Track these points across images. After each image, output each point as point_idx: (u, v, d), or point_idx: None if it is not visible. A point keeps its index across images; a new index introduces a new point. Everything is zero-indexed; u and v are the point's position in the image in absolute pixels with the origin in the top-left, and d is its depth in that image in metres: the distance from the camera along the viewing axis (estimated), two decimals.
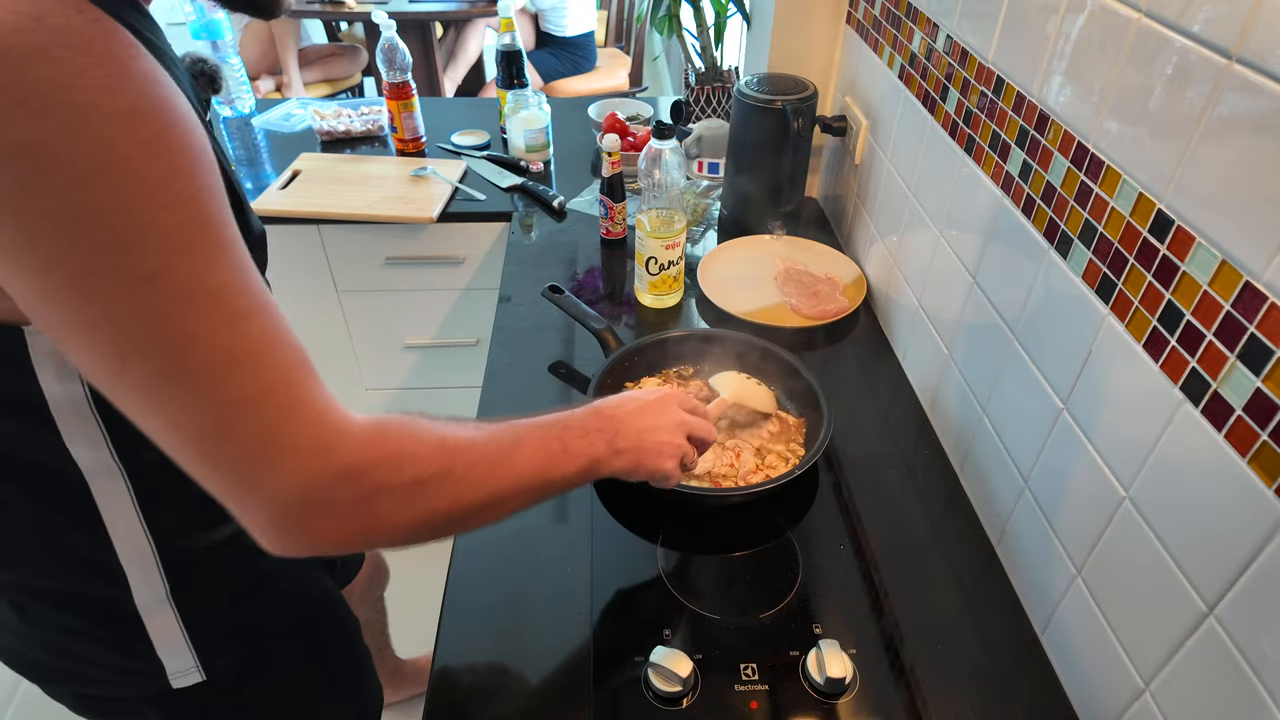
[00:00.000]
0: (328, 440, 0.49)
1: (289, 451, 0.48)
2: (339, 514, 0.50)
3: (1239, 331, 0.55)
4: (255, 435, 0.47)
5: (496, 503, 0.60)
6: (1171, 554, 0.62)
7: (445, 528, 0.58)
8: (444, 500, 0.56)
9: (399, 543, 0.56)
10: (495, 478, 0.60)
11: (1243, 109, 0.53)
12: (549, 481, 0.65)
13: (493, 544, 0.89)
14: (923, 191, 1.07)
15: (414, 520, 0.54)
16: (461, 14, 3.07)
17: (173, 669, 0.72)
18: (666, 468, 0.75)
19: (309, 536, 0.50)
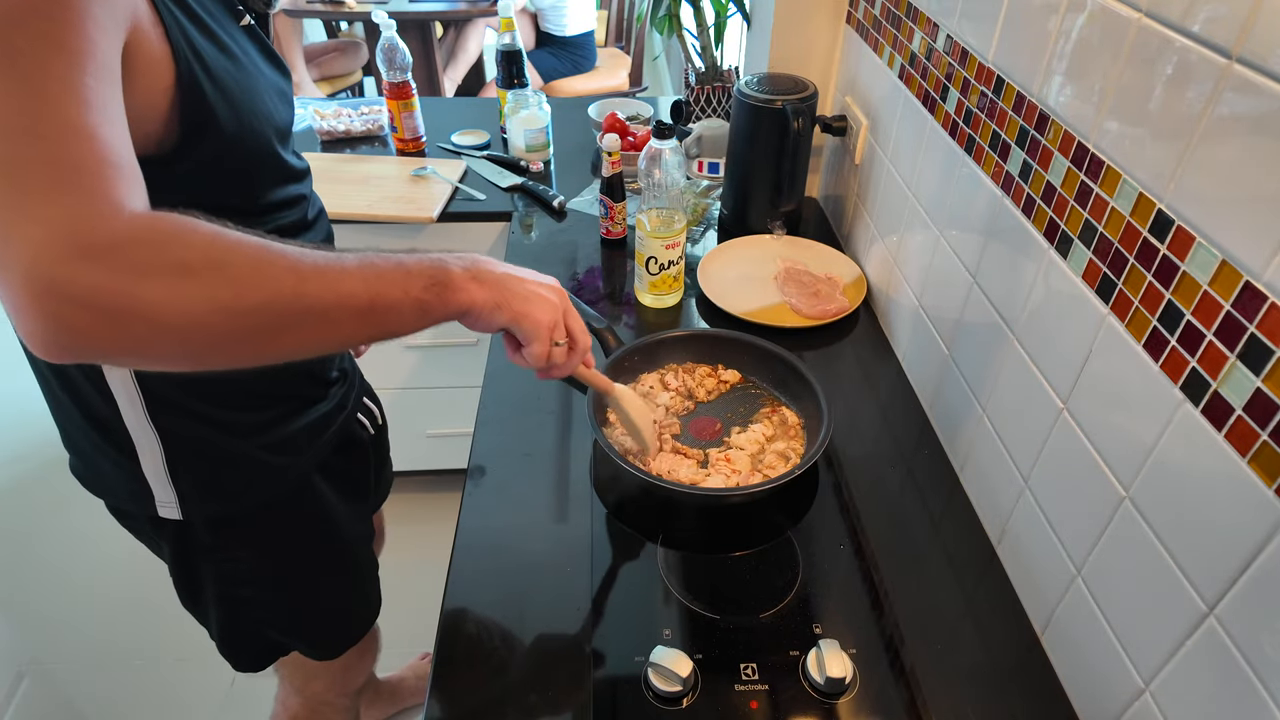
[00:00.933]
0: (87, 216, 0.47)
1: (37, 219, 0.45)
2: (91, 296, 0.46)
3: (1239, 331, 0.55)
4: (13, 198, 0.46)
5: (302, 315, 0.53)
6: (1171, 554, 0.62)
7: (235, 338, 0.52)
8: (221, 293, 0.49)
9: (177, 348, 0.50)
10: (294, 282, 0.53)
11: (1243, 109, 0.53)
12: (379, 300, 0.57)
13: (493, 544, 0.89)
14: (923, 191, 1.07)
15: (183, 315, 0.48)
16: (461, 14, 3.07)
17: (159, 497, 0.81)
18: (538, 317, 0.68)
19: (61, 325, 0.46)
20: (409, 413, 1.84)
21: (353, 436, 1.01)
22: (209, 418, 0.79)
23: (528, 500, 0.94)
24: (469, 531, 0.90)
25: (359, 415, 1.03)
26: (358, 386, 1.01)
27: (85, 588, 1.87)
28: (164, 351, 0.50)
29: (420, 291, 0.60)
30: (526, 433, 1.03)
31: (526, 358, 0.71)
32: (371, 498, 1.13)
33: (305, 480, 0.91)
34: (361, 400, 1.03)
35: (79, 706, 1.67)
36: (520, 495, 0.95)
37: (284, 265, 0.53)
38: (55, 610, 1.83)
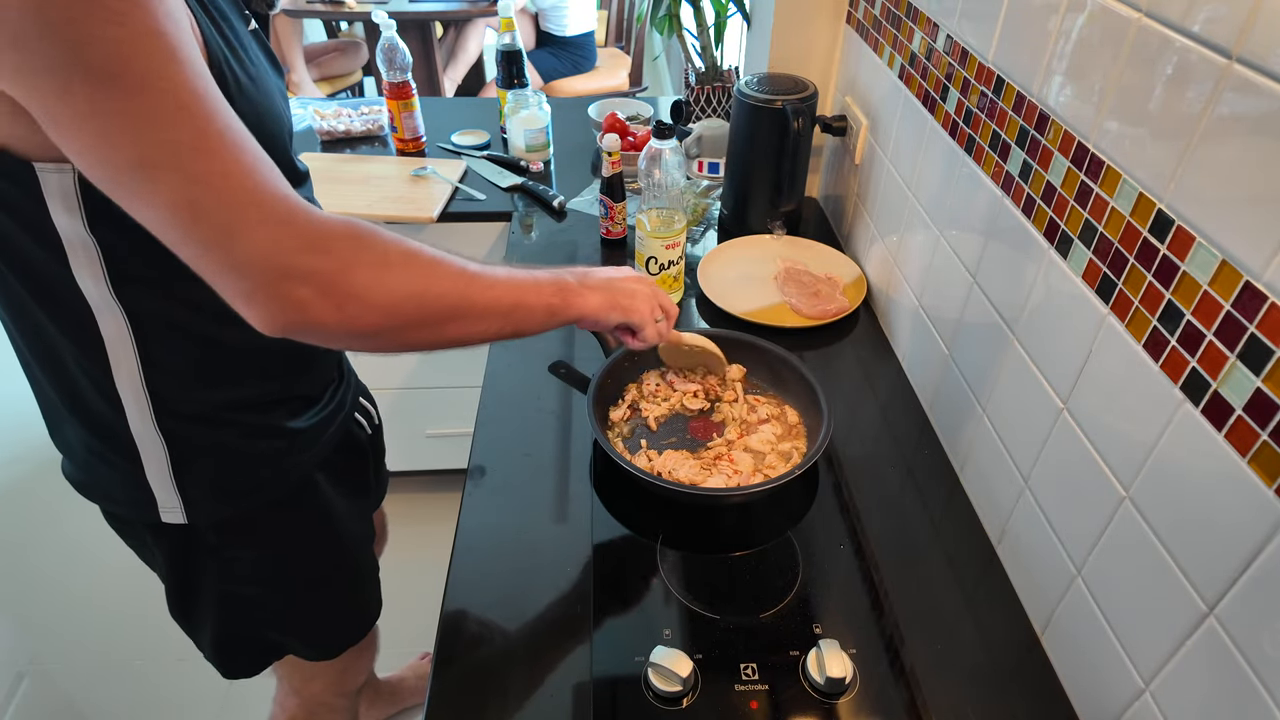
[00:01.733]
0: (297, 214, 0.55)
1: (258, 222, 0.53)
2: (315, 282, 0.55)
3: (1239, 331, 0.55)
4: (225, 208, 0.52)
5: (468, 308, 0.65)
6: (1171, 554, 0.62)
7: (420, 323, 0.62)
8: (415, 284, 0.61)
9: (379, 326, 0.59)
10: (464, 280, 0.65)
11: (1243, 109, 0.53)
12: (521, 303, 0.69)
13: (493, 544, 0.89)
14: (923, 191, 1.07)
15: (388, 299, 0.59)
16: (461, 14, 3.07)
17: (162, 502, 0.81)
18: (641, 308, 0.82)
19: (289, 304, 0.55)
20: (409, 413, 1.84)
21: (352, 436, 1.01)
22: (216, 420, 0.79)
23: (528, 500, 0.94)
24: (469, 531, 0.90)
25: (356, 415, 1.03)
26: (354, 386, 1.02)
27: (85, 588, 1.87)
28: (364, 328, 0.59)
29: (550, 297, 0.73)
30: (526, 433, 1.03)
31: (641, 339, 0.86)
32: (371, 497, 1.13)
33: (308, 479, 0.91)
34: (358, 400, 1.04)
35: (79, 707, 1.67)
36: (520, 495, 0.95)
37: (455, 266, 0.65)
38: (55, 611, 1.83)
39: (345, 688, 1.17)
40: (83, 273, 0.66)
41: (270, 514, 0.88)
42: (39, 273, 0.66)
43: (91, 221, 0.63)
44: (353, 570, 1.04)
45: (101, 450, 0.79)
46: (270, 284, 0.54)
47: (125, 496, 0.81)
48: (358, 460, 1.04)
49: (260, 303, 0.54)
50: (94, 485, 0.83)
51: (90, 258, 0.65)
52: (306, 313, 0.55)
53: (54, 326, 0.70)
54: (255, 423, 0.82)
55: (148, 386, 0.74)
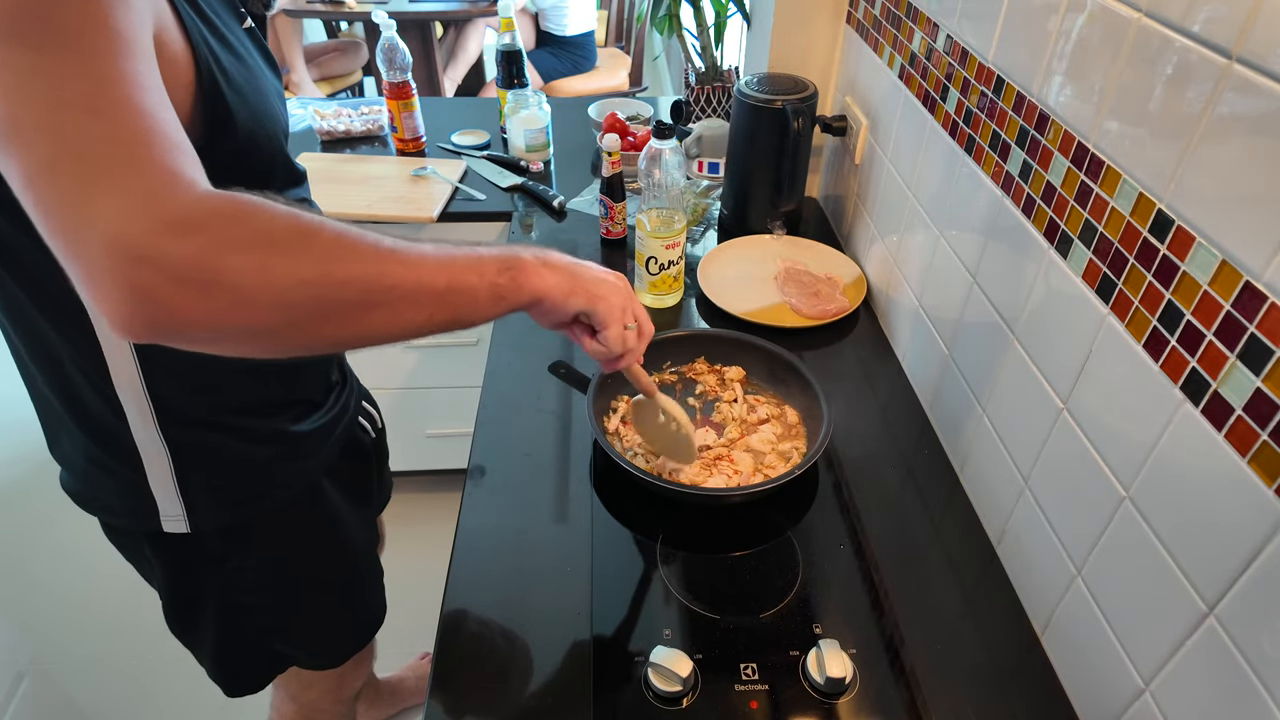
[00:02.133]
0: (163, 188, 0.46)
1: (117, 190, 0.45)
2: (169, 267, 0.45)
3: (1239, 331, 0.55)
4: (84, 171, 0.45)
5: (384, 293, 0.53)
6: (1171, 554, 0.62)
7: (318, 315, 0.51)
8: (306, 268, 0.49)
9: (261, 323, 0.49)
10: (377, 260, 0.52)
11: (1243, 109, 0.53)
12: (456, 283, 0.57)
13: (493, 544, 0.89)
14: (923, 191, 1.07)
15: (270, 288, 0.48)
16: (461, 14, 3.07)
17: (165, 511, 0.78)
18: (611, 300, 0.69)
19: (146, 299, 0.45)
20: (409, 413, 1.84)
21: (356, 440, 1.01)
22: (220, 425, 0.78)
23: (528, 500, 0.94)
24: (469, 531, 0.90)
25: (360, 419, 1.03)
26: (357, 390, 1.01)
27: (85, 588, 1.87)
28: (247, 325, 0.49)
29: (495, 275, 0.60)
30: (526, 433, 1.03)
31: (603, 343, 0.72)
32: (374, 502, 1.13)
33: (314, 485, 0.90)
34: (361, 404, 1.03)
35: (79, 706, 1.67)
36: (520, 495, 0.95)
37: (367, 244, 0.53)
38: (55, 610, 1.83)
39: (343, 694, 1.16)
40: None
41: (276, 520, 0.87)
42: (39, 275, 0.65)
43: None
44: (358, 576, 1.03)
45: (102, 458, 0.77)
46: (115, 267, 0.44)
47: (125, 506, 0.80)
48: (362, 465, 1.04)
49: (105, 290, 0.45)
50: (93, 496, 0.81)
51: None
52: (161, 306, 0.45)
53: (54, 330, 0.69)
54: (258, 427, 0.81)
55: (148, 390, 0.73)
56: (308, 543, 0.92)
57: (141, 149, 0.46)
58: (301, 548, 0.92)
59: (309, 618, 0.98)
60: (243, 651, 0.97)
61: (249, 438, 0.81)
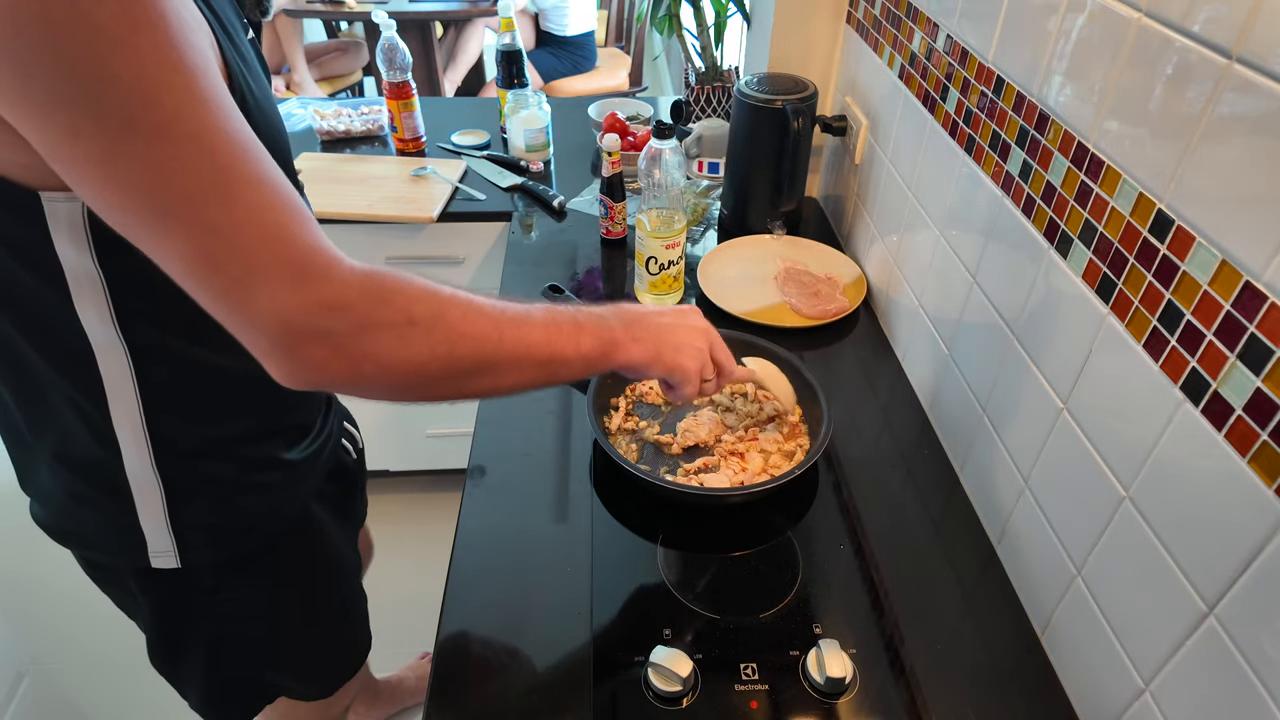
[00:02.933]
0: (315, 270, 0.52)
1: (274, 279, 0.50)
2: (331, 343, 0.53)
3: (1239, 331, 0.55)
4: (242, 262, 0.49)
5: (498, 363, 0.61)
6: (1171, 554, 0.62)
7: (443, 379, 0.59)
8: (438, 344, 0.57)
9: (397, 385, 0.57)
10: (495, 334, 0.60)
11: (1243, 109, 0.53)
12: (559, 356, 0.65)
13: (493, 544, 0.89)
14: (923, 191, 1.07)
15: (408, 361, 0.56)
16: (461, 14, 3.07)
17: (153, 547, 0.77)
18: (687, 365, 0.75)
19: (305, 364, 0.53)
20: (409, 413, 1.84)
21: (341, 462, 0.99)
22: (215, 455, 0.76)
23: (528, 500, 0.94)
24: (469, 531, 0.90)
25: (343, 440, 1.01)
26: (338, 411, 0.99)
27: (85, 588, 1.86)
28: (385, 386, 0.57)
29: (589, 349, 0.67)
30: (526, 433, 1.03)
31: (673, 399, 0.81)
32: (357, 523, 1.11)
33: (305, 510, 0.88)
34: (343, 425, 1.02)
35: (79, 706, 1.67)
36: (520, 495, 0.95)
37: (488, 318, 0.60)
38: (56, 610, 1.83)
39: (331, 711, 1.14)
40: (86, 308, 0.63)
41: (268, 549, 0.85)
42: (33, 309, 0.63)
43: (101, 255, 0.61)
44: (347, 599, 1.01)
45: (86, 494, 0.74)
46: (285, 345, 0.52)
47: (111, 542, 0.77)
48: (348, 486, 1.02)
49: (277, 361, 0.53)
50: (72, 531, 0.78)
51: (95, 292, 0.62)
52: (324, 373, 0.54)
53: (47, 366, 0.66)
54: (253, 455, 0.79)
55: (147, 425, 0.70)
56: (300, 569, 0.90)
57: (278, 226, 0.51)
58: (294, 574, 0.90)
59: (301, 647, 0.96)
60: (232, 684, 0.94)
61: (243, 466, 0.78)
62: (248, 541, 0.82)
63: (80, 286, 0.62)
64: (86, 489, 0.74)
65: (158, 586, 0.81)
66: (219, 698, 0.95)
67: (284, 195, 0.52)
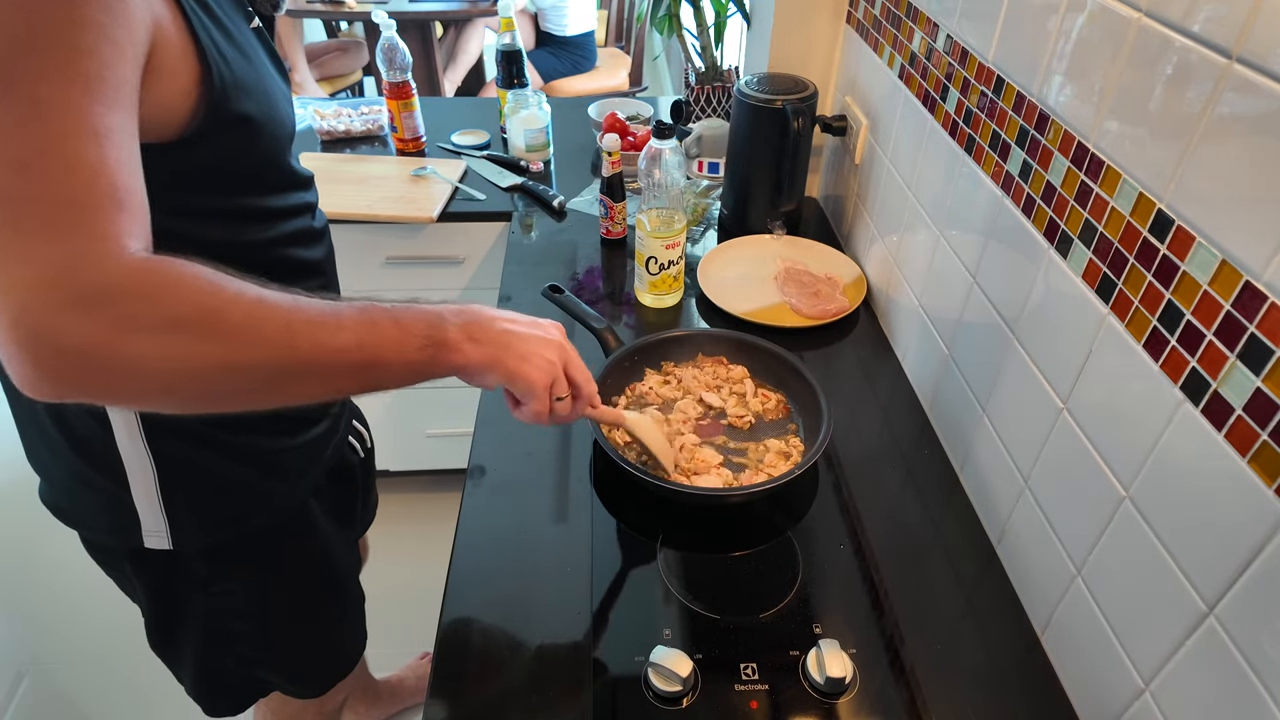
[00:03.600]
0: (82, 259, 0.46)
1: (32, 260, 0.45)
2: (80, 347, 0.45)
3: (1239, 331, 0.55)
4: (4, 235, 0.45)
5: (298, 372, 0.54)
6: (1171, 554, 0.62)
7: (228, 393, 0.52)
8: (212, 352, 0.49)
9: (156, 393, 0.50)
10: (287, 340, 0.52)
11: (1243, 109, 0.53)
12: (376, 361, 0.58)
13: (493, 544, 0.89)
14: (923, 191, 1.07)
15: (174, 371, 0.49)
16: (461, 14, 3.07)
17: (146, 526, 0.77)
18: (532, 376, 0.66)
19: (51, 368, 0.46)
20: (409, 413, 1.84)
21: (344, 461, 0.99)
22: (208, 441, 0.77)
23: (528, 500, 0.94)
24: (469, 531, 0.90)
25: (350, 439, 1.01)
26: (349, 409, 1.00)
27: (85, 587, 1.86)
28: (151, 400, 0.51)
29: (415, 353, 0.60)
30: (526, 433, 1.03)
31: (522, 415, 0.71)
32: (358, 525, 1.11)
33: (301, 506, 0.88)
34: (352, 423, 1.01)
35: (79, 706, 1.67)
36: (520, 495, 0.95)
37: (279, 321, 0.52)
38: (55, 610, 1.83)
39: (326, 708, 1.15)
40: None
41: (261, 541, 0.85)
42: None
43: None
44: (341, 602, 1.01)
45: (84, 472, 0.75)
46: (20, 339, 0.45)
47: (107, 522, 0.78)
48: (349, 486, 1.02)
49: (9, 355, 0.45)
50: (73, 510, 0.79)
51: None
52: (67, 384, 0.47)
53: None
54: (248, 443, 0.79)
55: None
56: (294, 565, 0.90)
57: (70, 210, 0.46)
58: (287, 570, 0.90)
59: (292, 646, 0.96)
60: (223, 676, 0.95)
61: (237, 454, 0.79)
62: (240, 528, 0.82)
63: None
64: (84, 467, 0.75)
65: (151, 570, 0.82)
66: (210, 688, 0.95)
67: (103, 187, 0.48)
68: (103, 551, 0.85)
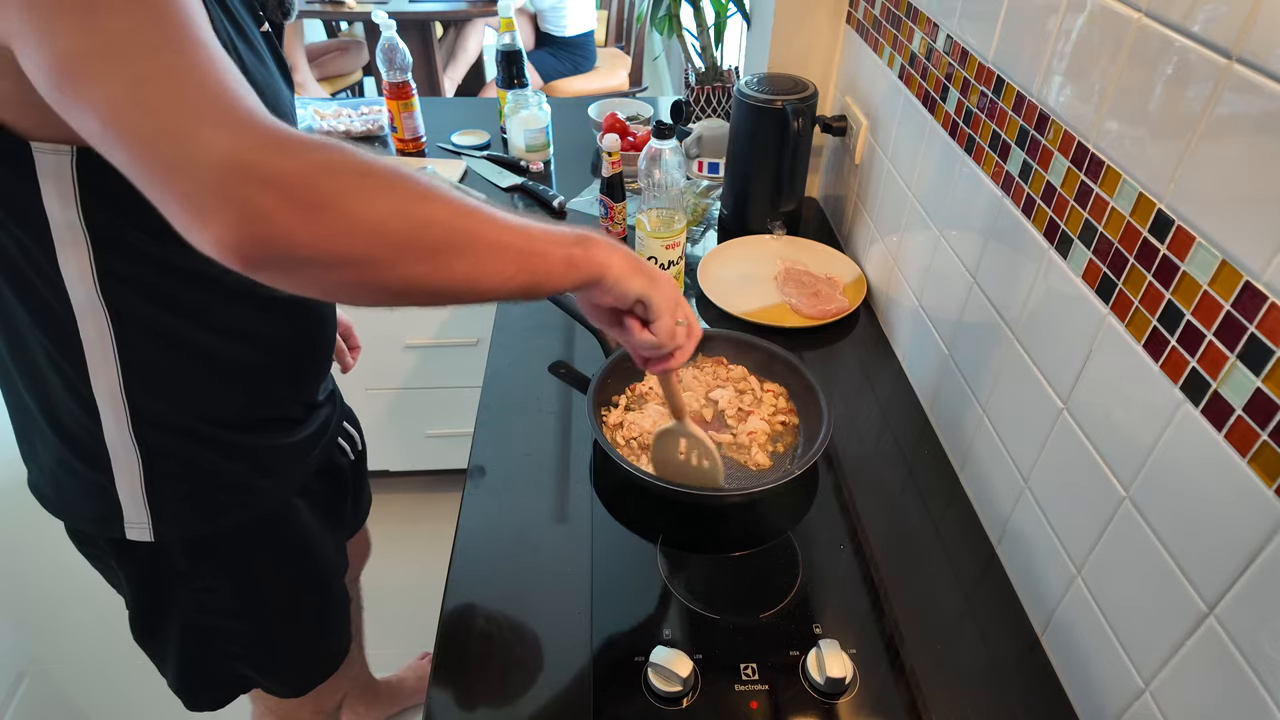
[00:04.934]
0: (255, 118, 0.46)
1: (214, 123, 0.45)
2: (278, 183, 0.45)
3: (1239, 331, 0.55)
4: (175, 104, 0.44)
5: (474, 239, 0.55)
6: (1171, 554, 0.62)
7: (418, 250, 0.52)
8: (407, 200, 0.50)
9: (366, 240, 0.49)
10: (464, 214, 0.54)
11: (1243, 109, 0.53)
12: (534, 249, 0.60)
13: (493, 544, 0.89)
14: (922, 191, 1.07)
15: (374, 212, 0.49)
16: (461, 14, 3.07)
17: (129, 517, 0.77)
18: (666, 290, 0.69)
19: (250, 214, 0.45)
20: (409, 413, 1.84)
21: (333, 461, 0.98)
22: (195, 434, 0.76)
23: (528, 500, 0.94)
24: (469, 531, 0.90)
25: (340, 440, 1.00)
26: (340, 410, 0.99)
27: (85, 588, 1.86)
28: (349, 252, 0.49)
29: (571, 245, 0.63)
30: (526, 433, 1.03)
31: (655, 333, 0.70)
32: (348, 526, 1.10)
33: (287, 504, 0.88)
34: (342, 425, 1.01)
35: (79, 706, 1.67)
36: (520, 495, 0.95)
37: (454, 197, 0.54)
38: (55, 610, 1.83)
39: (323, 705, 1.13)
40: (69, 267, 0.63)
41: (245, 537, 0.85)
42: (21, 266, 0.64)
43: (86, 210, 0.61)
44: (325, 602, 1.00)
45: (70, 461, 0.75)
46: (226, 186, 0.44)
47: (91, 511, 0.78)
48: (338, 487, 1.02)
49: (213, 212, 0.44)
50: (59, 499, 0.79)
51: (79, 251, 0.63)
52: (272, 224, 0.45)
53: (32, 324, 0.67)
54: (235, 441, 0.79)
55: (126, 394, 0.71)
56: (276, 563, 0.90)
57: (218, 81, 0.46)
58: (270, 568, 0.89)
59: (275, 644, 0.96)
60: (206, 671, 0.94)
61: (223, 448, 0.78)
62: (223, 524, 0.82)
63: (64, 243, 0.62)
64: (70, 456, 0.75)
65: (134, 562, 0.82)
66: (192, 683, 0.95)
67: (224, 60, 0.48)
68: (86, 542, 0.85)
